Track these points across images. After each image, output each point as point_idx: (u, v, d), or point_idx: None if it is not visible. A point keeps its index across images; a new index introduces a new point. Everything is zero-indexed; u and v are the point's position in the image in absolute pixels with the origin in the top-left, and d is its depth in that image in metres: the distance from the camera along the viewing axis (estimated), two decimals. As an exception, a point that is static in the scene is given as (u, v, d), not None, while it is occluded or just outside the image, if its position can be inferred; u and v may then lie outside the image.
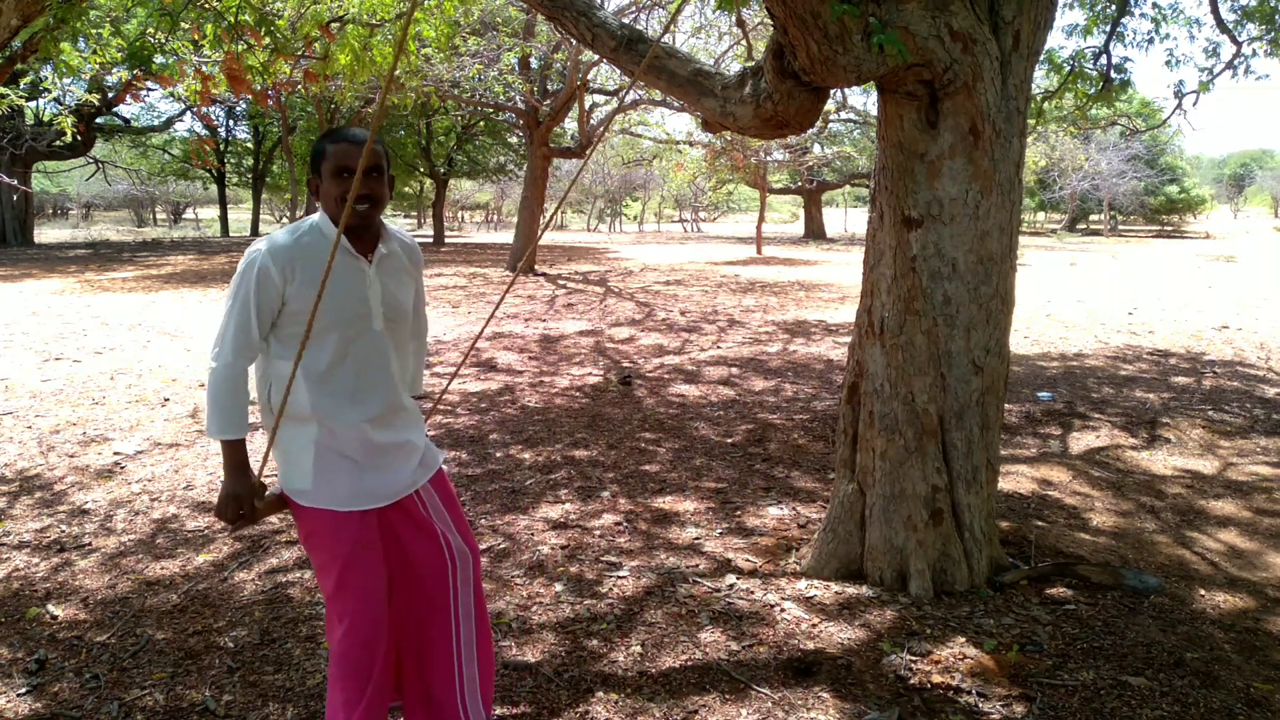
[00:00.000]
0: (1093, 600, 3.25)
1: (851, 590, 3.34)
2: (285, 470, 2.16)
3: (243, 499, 2.10)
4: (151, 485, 4.64)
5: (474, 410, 6.32)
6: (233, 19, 5.92)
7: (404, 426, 2.21)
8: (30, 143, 22.92)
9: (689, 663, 2.84)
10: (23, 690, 2.71)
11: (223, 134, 33.98)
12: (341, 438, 2.11)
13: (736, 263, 21.56)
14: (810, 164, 28.22)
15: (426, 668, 2.26)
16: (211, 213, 50.00)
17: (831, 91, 3.57)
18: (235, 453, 2.10)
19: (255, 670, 2.83)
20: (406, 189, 40.25)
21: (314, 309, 1.93)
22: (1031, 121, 5.20)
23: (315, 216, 2.13)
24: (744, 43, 11.82)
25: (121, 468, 4.93)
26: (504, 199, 53.49)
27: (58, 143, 24.08)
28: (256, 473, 2.16)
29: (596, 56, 11.08)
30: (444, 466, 2.38)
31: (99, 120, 26.67)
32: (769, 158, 24.70)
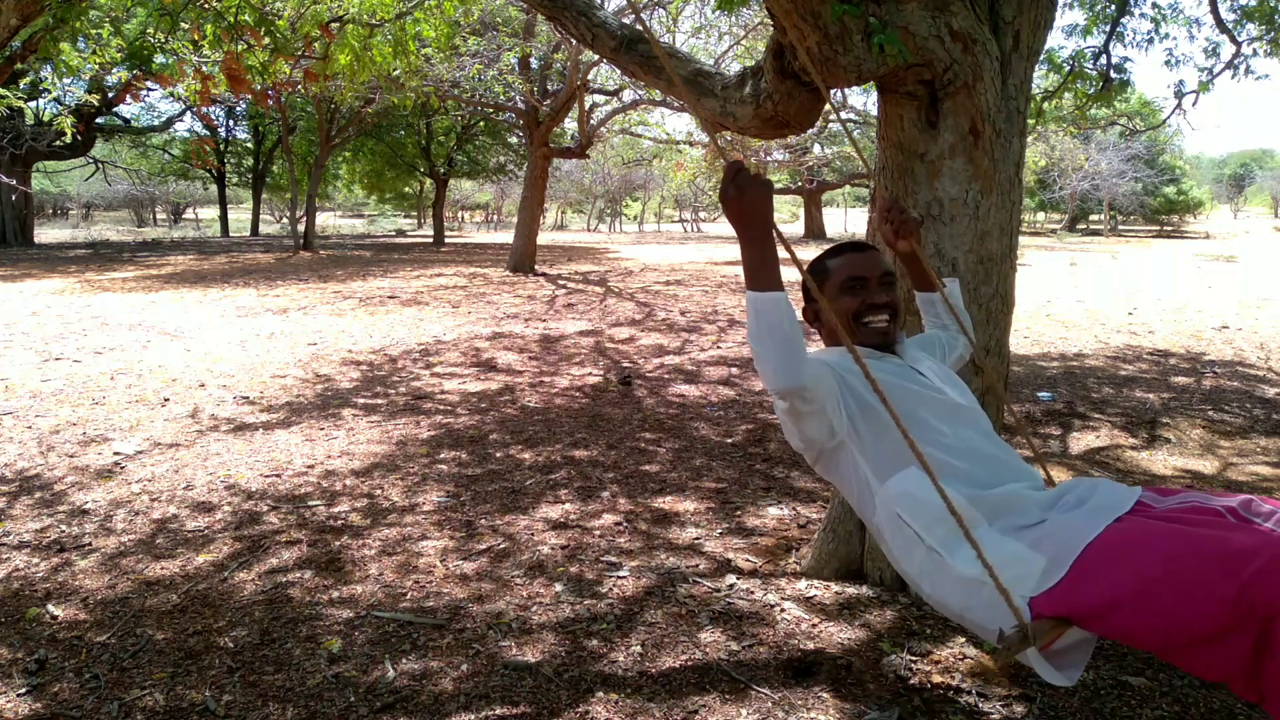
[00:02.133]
0: (1093, 600, 3.25)
1: (851, 590, 3.34)
2: (1013, 584, 1.51)
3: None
4: (151, 485, 4.64)
5: (474, 410, 6.32)
6: (233, 19, 5.92)
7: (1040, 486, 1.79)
8: (30, 143, 22.92)
9: (689, 663, 2.84)
10: (23, 690, 2.71)
11: (223, 134, 33.98)
12: (1015, 509, 1.66)
13: (737, 263, 21.55)
14: (810, 164, 28.23)
15: None
16: (211, 213, 50.00)
17: (832, 91, 3.57)
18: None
19: (255, 670, 2.82)
20: (406, 189, 40.22)
21: (883, 400, 1.57)
22: (1031, 121, 5.20)
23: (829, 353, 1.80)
24: (748, 40, 11.84)
25: (121, 468, 4.93)
26: (504, 199, 53.50)
27: (58, 143, 24.07)
28: (1017, 631, 1.50)
29: (596, 56, 11.08)
30: None
31: (99, 120, 26.66)
32: (769, 158, 24.70)
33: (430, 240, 31.22)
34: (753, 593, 3.34)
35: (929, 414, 1.74)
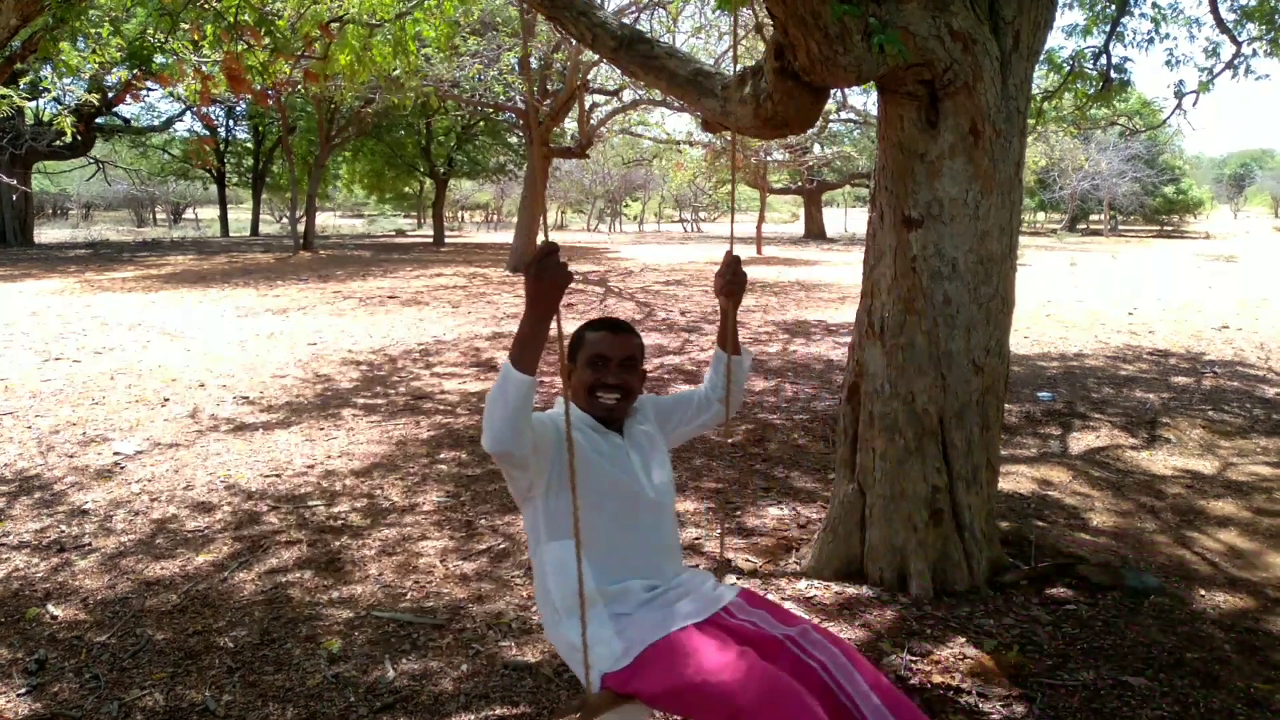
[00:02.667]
0: (1093, 600, 3.25)
1: (851, 590, 3.33)
2: (600, 658, 1.86)
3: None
4: (151, 485, 4.64)
5: (474, 410, 6.32)
6: (233, 19, 5.92)
7: (696, 582, 2.07)
8: (30, 143, 22.93)
9: (689, 663, 2.83)
10: (23, 690, 2.71)
11: (223, 134, 33.97)
12: (640, 601, 1.95)
13: (736, 263, 21.50)
14: (810, 164, 28.24)
15: None
16: (211, 213, 49.99)
17: (831, 91, 3.57)
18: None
19: (255, 670, 2.82)
20: (406, 189, 40.22)
21: (572, 479, 1.79)
22: (1031, 121, 5.20)
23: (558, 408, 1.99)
24: (745, 42, 11.82)
25: (121, 468, 4.93)
26: (504, 199, 53.50)
27: (58, 143, 24.07)
28: (585, 683, 1.87)
29: (596, 56, 11.08)
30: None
31: (99, 120, 26.67)
32: (769, 158, 24.71)
33: (430, 240, 31.22)
34: (753, 593, 3.33)
35: (611, 502, 1.96)
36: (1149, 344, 9.31)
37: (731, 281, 2.24)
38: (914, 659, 2.83)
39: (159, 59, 6.89)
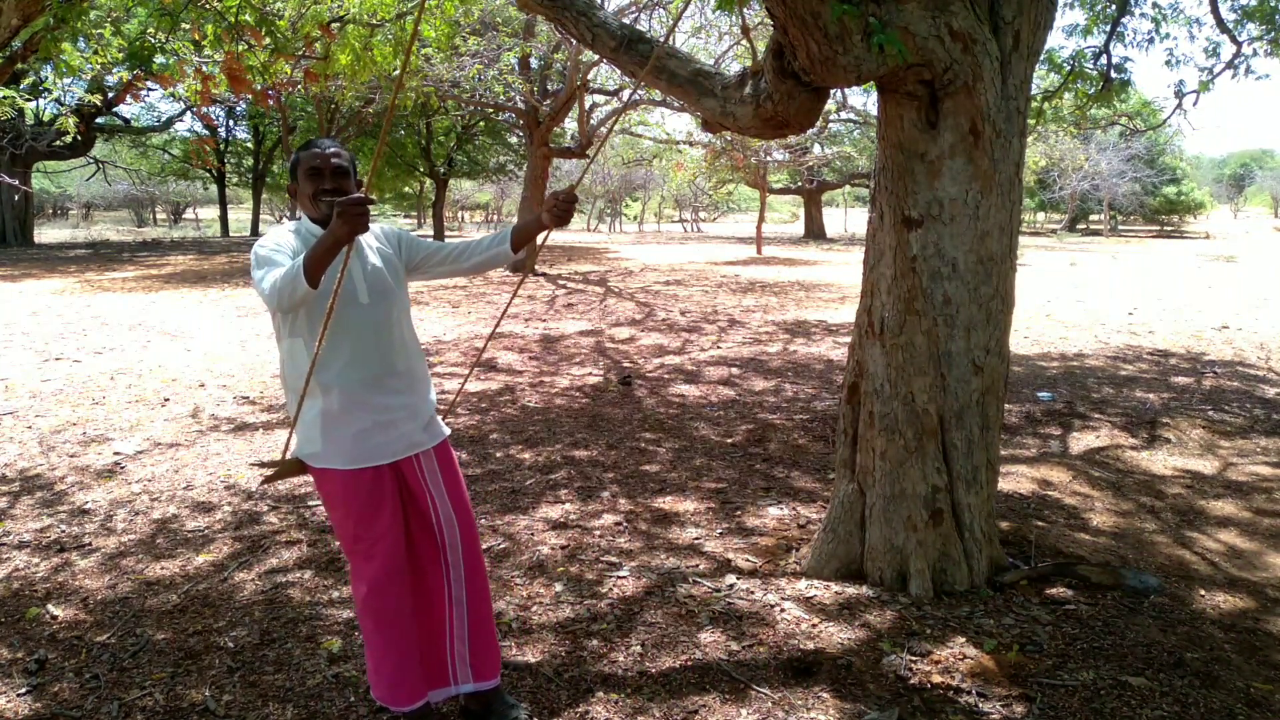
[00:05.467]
0: (1093, 600, 3.25)
1: (851, 590, 3.34)
2: (300, 439, 2.37)
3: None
4: (151, 485, 4.64)
5: (474, 410, 6.32)
6: (233, 19, 5.92)
7: (404, 390, 2.40)
8: (30, 143, 22.92)
9: (689, 663, 2.84)
10: (23, 690, 2.71)
11: (223, 134, 33.97)
12: (342, 403, 2.32)
13: (737, 263, 21.56)
14: (810, 164, 28.23)
15: (422, 626, 2.46)
16: (211, 213, 50.00)
17: (831, 91, 3.57)
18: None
19: (255, 670, 2.83)
20: (406, 189, 40.21)
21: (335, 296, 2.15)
22: (1031, 121, 5.20)
23: (300, 220, 2.42)
24: (745, 43, 11.82)
25: (121, 468, 4.93)
26: (504, 199, 53.51)
27: (58, 143, 24.09)
28: (282, 448, 2.39)
29: (596, 56, 11.07)
30: (450, 446, 2.55)
31: (99, 120, 26.67)
32: (769, 158, 24.70)
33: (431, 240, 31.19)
34: (753, 593, 3.33)
35: (337, 304, 2.21)
36: (1149, 344, 9.31)
37: (561, 216, 2.44)
38: (914, 659, 2.84)
39: (159, 59, 6.89)
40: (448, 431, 2.55)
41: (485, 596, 2.52)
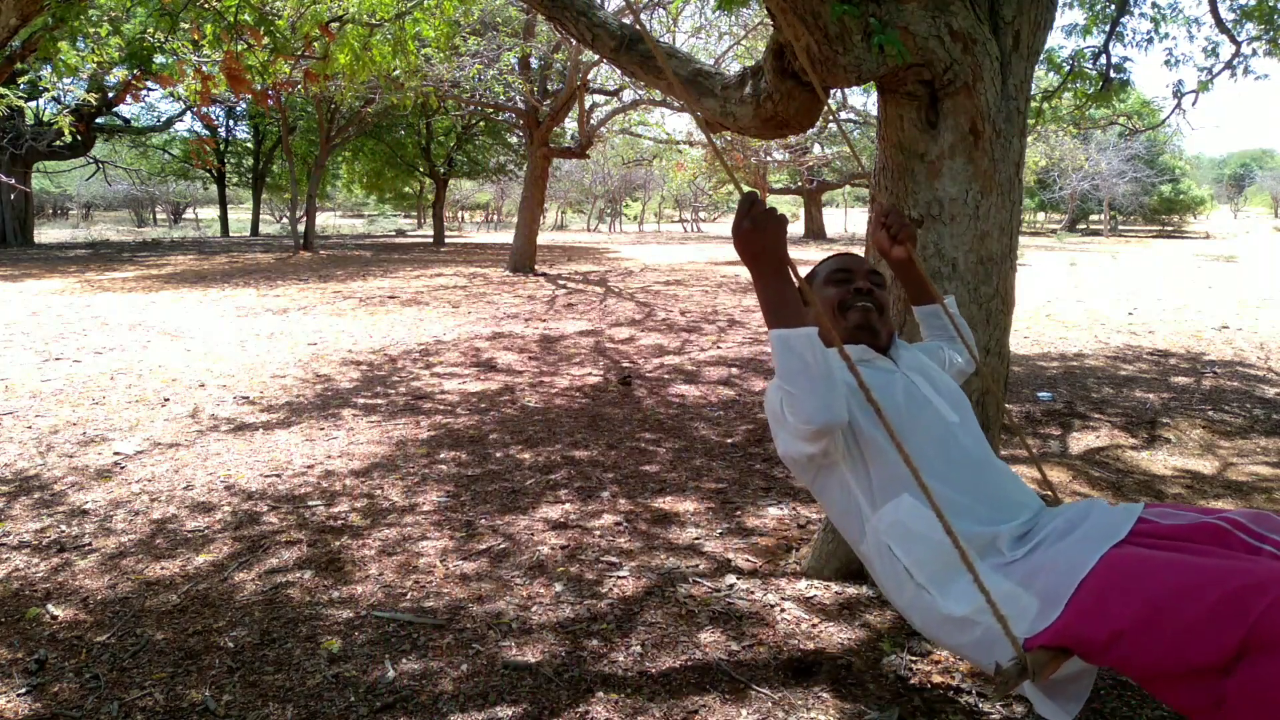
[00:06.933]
0: (1093, 600, 3.25)
1: (852, 590, 3.34)
2: (1018, 622, 1.45)
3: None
4: (151, 485, 4.64)
5: (474, 410, 6.32)
6: (233, 19, 5.92)
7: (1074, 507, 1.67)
8: (30, 143, 22.92)
9: (689, 663, 2.84)
10: (23, 690, 2.71)
11: (223, 134, 33.99)
12: (1018, 536, 1.59)
13: (737, 263, 21.54)
14: (810, 164, 28.23)
15: None
16: (211, 213, 50.01)
17: (831, 91, 3.57)
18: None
19: (255, 670, 2.82)
20: (406, 189, 40.22)
21: (881, 415, 1.50)
22: (1031, 121, 5.20)
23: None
24: (745, 43, 11.85)
25: (121, 468, 4.93)
26: (504, 199, 53.52)
27: (58, 143, 24.07)
28: (1018, 664, 1.42)
29: (596, 56, 11.07)
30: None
31: (99, 120, 26.67)
32: (769, 158, 24.69)
33: (430, 240, 31.22)
34: (752, 593, 3.33)
35: (924, 434, 1.65)
36: (1149, 344, 9.31)
37: (899, 231, 1.99)
38: (914, 659, 2.84)
39: (159, 59, 6.89)
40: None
41: None
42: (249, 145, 35.52)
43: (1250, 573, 1.27)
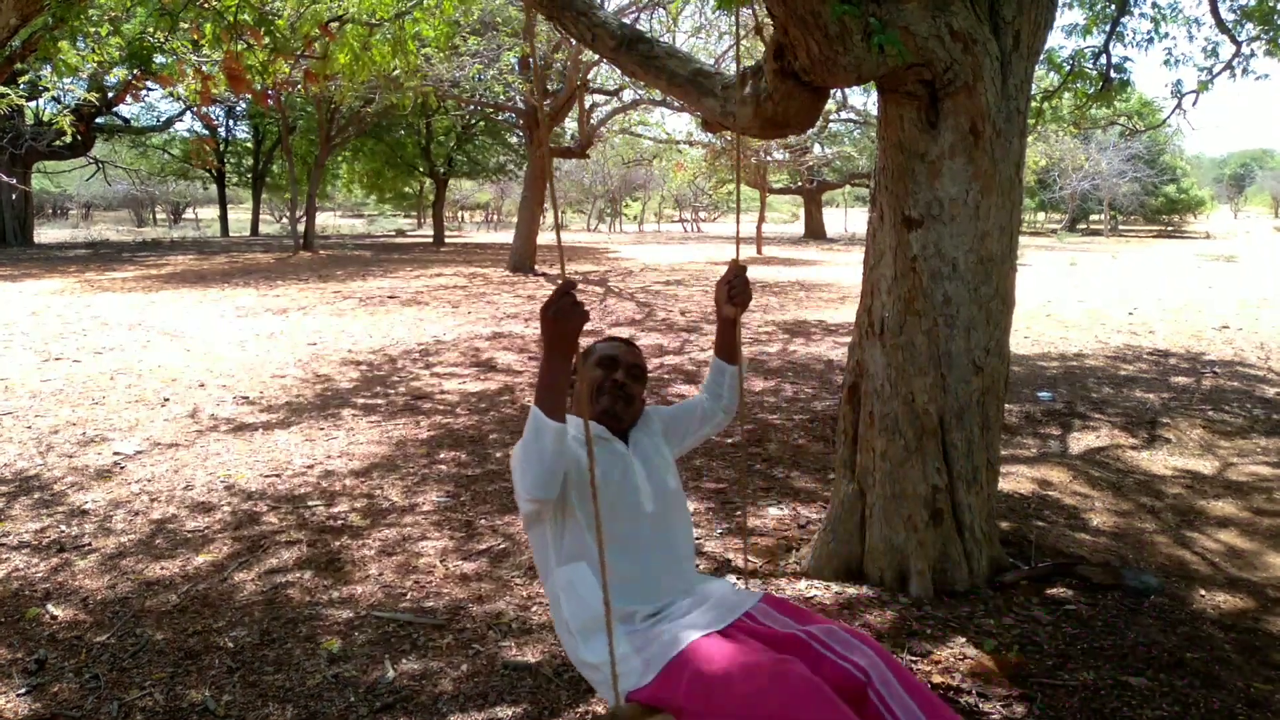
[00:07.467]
0: (1093, 600, 3.25)
1: (851, 590, 3.33)
2: (624, 679, 1.81)
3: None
4: (151, 485, 4.64)
5: (474, 410, 6.32)
6: (233, 19, 5.91)
7: (709, 591, 2.02)
8: (30, 143, 22.90)
9: (689, 663, 2.83)
10: (23, 690, 2.71)
11: (223, 134, 33.98)
12: (650, 615, 1.91)
13: (736, 263, 21.50)
14: (810, 164, 28.23)
15: None
16: (211, 213, 49.99)
17: (831, 91, 3.57)
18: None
19: (255, 670, 2.82)
20: (406, 189, 40.21)
21: (595, 497, 1.77)
22: (1031, 121, 5.20)
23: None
24: (745, 43, 11.82)
25: (121, 468, 4.93)
26: (504, 199, 53.51)
27: (58, 143, 24.07)
28: (615, 701, 1.79)
29: (596, 56, 11.07)
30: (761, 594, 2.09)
31: (99, 120, 26.66)
32: (769, 158, 24.70)
33: (430, 240, 31.22)
34: (753, 593, 3.33)
35: (621, 516, 1.94)
36: (1149, 344, 9.31)
37: (738, 294, 2.17)
38: (914, 659, 2.83)
39: (159, 59, 6.88)
40: (761, 591, 2.20)
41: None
42: (249, 145, 35.51)
43: (784, 691, 1.61)
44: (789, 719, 1.57)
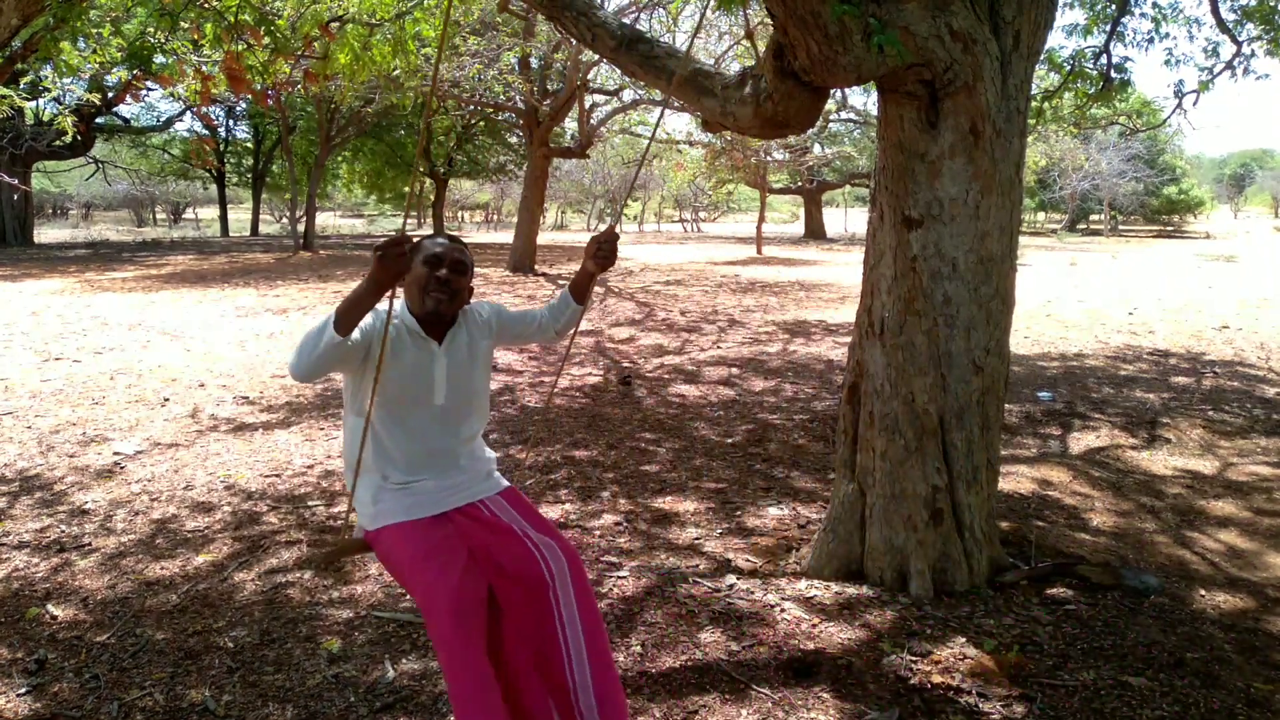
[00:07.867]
0: (1093, 600, 3.25)
1: (851, 590, 3.34)
2: (359, 516, 2.32)
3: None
4: (151, 485, 4.64)
5: (474, 410, 6.31)
6: (233, 19, 5.91)
7: (466, 471, 2.36)
8: (30, 143, 22.90)
9: (689, 663, 2.84)
10: (23, 690, 2.71)
11: (223, 134, 33.97)
12: (397, 483, 2.27)
13: (736, 262, 21.55)
14: (810, 164, 28.22)
15: (545, 677, 2.18)
16: (211, 213, 49.99)
17: (831, 91, 3.57)
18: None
19: (255, 670, 2.83)
20: (406, 189, 40.19)
21: (376, 378, 2.16)
22: (1031, 121, 5.20)
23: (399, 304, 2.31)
24: (745, 43, 11.84)
25: (121, 468, 4.93)
26: (504, 199, 53.50)
27: (58, 143, 24.06)
28: (345, 520, 2.17)
29: (596, 56, 11.07)
30: (515, 487, 2.46)
31: (99, 120, 26.66)
32: (769, 158, 24.68)
33: (430, 240, 31.17)
34: (753, 593, 3.33)
35: (409, 399, 2.25)
36: (1149, 344, 9.31)
37: (605, 256, 2.40)
38: (914, 659, 2.83)
39: (159, 59, 6.88)
40: (507, 484, 2.44)
41: (601, 638, 2.22)
42: (249, 145, 35.49)
43: (442, 604, 2.05)
44: (429, 607, 2.05)
